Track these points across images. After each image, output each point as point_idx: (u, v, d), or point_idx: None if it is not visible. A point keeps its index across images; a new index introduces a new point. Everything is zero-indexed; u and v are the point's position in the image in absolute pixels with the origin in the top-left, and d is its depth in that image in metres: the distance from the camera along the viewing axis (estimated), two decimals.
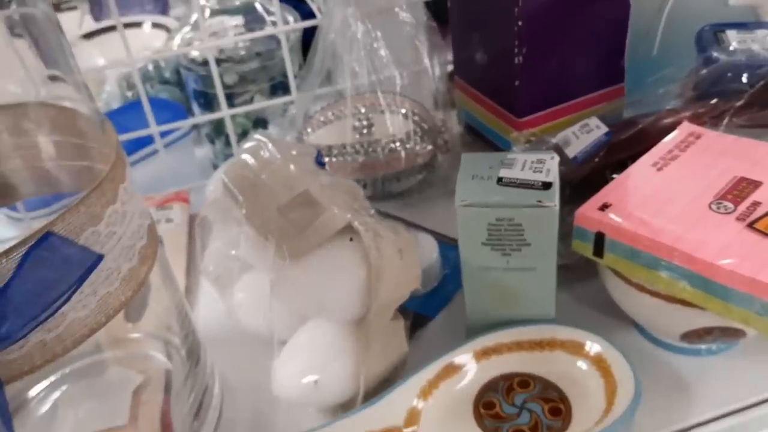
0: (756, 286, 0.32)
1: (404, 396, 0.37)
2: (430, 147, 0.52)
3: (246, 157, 0.43)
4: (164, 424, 0.39)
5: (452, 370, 0.39)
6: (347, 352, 0.37)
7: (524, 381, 0.39)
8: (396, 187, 0.55)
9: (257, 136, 0.45)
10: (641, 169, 0.41)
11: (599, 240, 0.38)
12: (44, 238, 0.27)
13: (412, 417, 0.37)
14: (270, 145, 0.43)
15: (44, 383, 0.41)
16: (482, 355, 0.39)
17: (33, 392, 0.40)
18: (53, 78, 0.33)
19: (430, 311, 0.47)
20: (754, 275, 0.32)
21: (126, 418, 0.39)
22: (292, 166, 0.41)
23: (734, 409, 0.38)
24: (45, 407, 0.40)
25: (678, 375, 0.40)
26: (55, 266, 0.27)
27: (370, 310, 0.36)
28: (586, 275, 0.46)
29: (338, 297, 0.36)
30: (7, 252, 0.26)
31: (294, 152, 0.44)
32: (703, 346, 0.40)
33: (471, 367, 0.39)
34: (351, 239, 0.36)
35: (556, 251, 0.38)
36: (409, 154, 0.52)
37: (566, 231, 0.41)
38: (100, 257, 0.28)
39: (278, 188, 0.39)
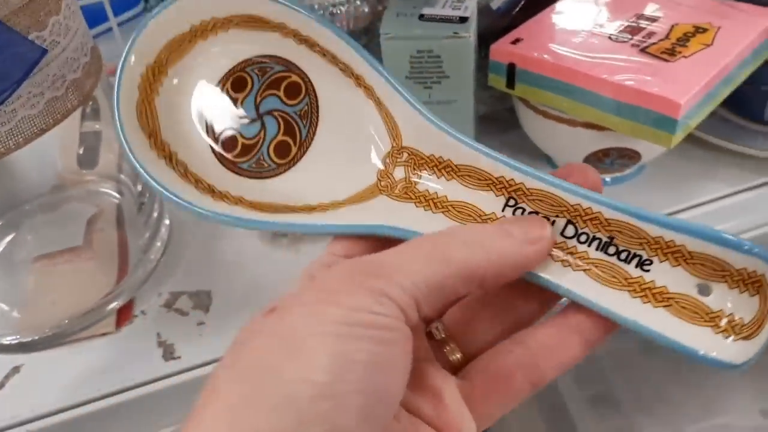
0: (640, 97, 0.36)
1: None
2: (367, 10, 0.55)
3: None
4: (121, 252, 0.43)
5: None
6: None
7: (238, 78, 0.28)
8: None
9: None
10: (553, 11, 0.45)
11: (511, 71, 0.41)
12: None
13: None
14: None
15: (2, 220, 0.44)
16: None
17: None
18: None
19: None
20: (639, 87, 0.36)
21: (81, 240, 0.42)
22: None
23: None
24: (6, 237, 0.44)
25: None
26: (3, 59, 0.30)
27: None
28: (509, 127, 0.50)
29: None
30: None
31: None
32: (608, 177, 0.45)
33: None
34: None
35: (473, 83, 0.42)
36: (349, 16, 0.54)
37: (487, 79, 0.45)
38: (44, 50, 0.31)
39: None
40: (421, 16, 0.41)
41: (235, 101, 0.28)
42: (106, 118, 0.47)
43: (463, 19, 0.40)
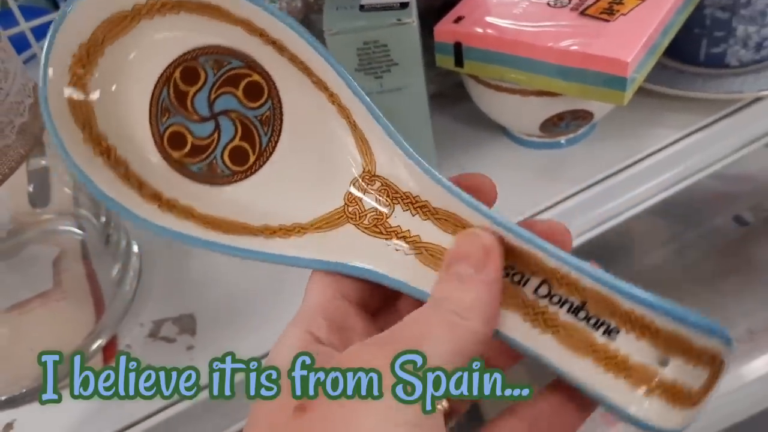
0: (587, 60, 0.37)
1: None
2: (301, 3, 0.54)
3: None
4: (93, 288, 0.42)
5: None
6: None
7: (188, 69, 0.25)
8: None
9: None
10: None
11: (457, 50, 0.42)
12: None
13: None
14: None
15: None
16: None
17: None
18: None
19: None
20: (585, 50, 0.37)
21: (51, 282, 0.41)
22: None
23: (590, 182, 0.44)
24: None
25: (542, 165, 0.45)
26: None
27: None
28: (459, 100, 0.50)
29: None
30: None
31: None
32: (563, 139, 0.46)
33: None
34: None
35: (422, 67, 0.42)
36: (282, 10, 0.54)
37: (434, 58, 0.45)
38: None
39: None
40: (362, 7, 0.41)
41: (184, 94, 0.25)
42: (52, 151, 0.45)
43: (404, 5, 0.40)
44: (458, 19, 0.42)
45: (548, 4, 0.42)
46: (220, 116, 0.25)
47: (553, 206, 0.43)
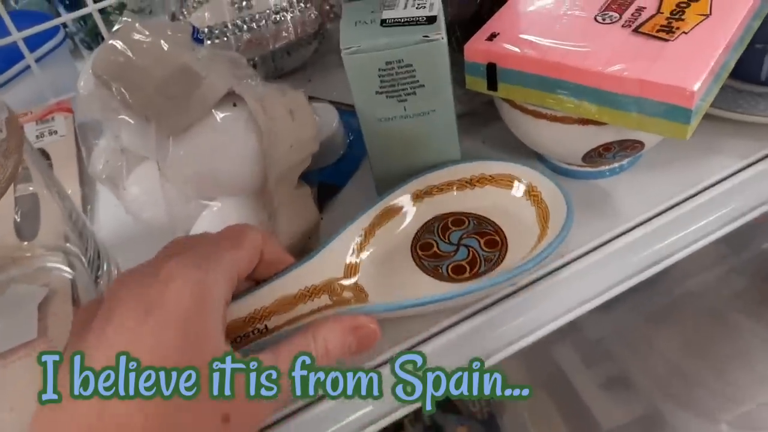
0: (645, 88, 0.32)
1: (340, 247, 0.37)
2: (315, 14, 0.50)
3: (113, 41, 0.39)
4: None
5: (386, 215, 0.38)
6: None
7: (458, 219, 0.39)
8: (288, 62, 0.52)
9: (124, 18, 0.41)
10: None
11: (491, 71, 0.37)
12: None
13: (351, 268, 0.37)
14: (138, 25, 0.39)
15: None
16: (415, 198, 0.39)
17: None
18: None
19: (339, 180, 0.46)
20: (642, 76, 0.32)
21: (35, 332, 0.37)
22: (164, 43, 0.38)
23: (638, 220, 0.39)
24: None
25: (583, 197, 0.40)
26: None
27: (268, 177, 0.35)
28: (489, 119, 0.45)
29: (231, 168, 0.35)
30: None
31: (168, 31, 0.41)
32: (606, 168, 0.41)
33: (405, 210, 0.39)
34: (234, 104, 0.34)
35: (451, 89, 0.37)
36: (296, 23, 0.49)
37: (462, 76, 0.40)
38: None
39: (153, 66, 0.37)
40: (384, 22, 0.36)
41: (448, 229, 0.38)
42: (39, 177, 0.41)
43: (431, 19, 0.35)
44: (492, 36, 0.37)
45: (595, 19, 0.36)
46: (461, 246, 0.37)
47: (594, 250, 0.38)
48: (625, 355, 0.66)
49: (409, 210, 0.39)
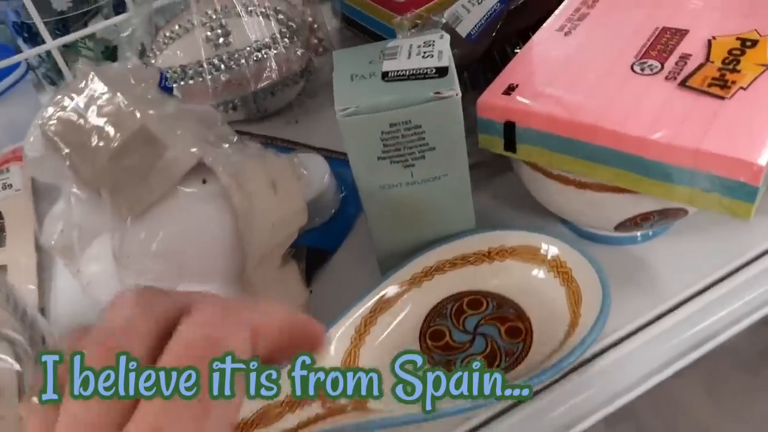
0: (700, 159, 0.27)
1: (337, 338, 0.31)
2: (301, 50, 0.44)
3: (64, 95, 0.33)
4: None
5: (390, 301, 0.33)
6: None
7: (475, 300, 0.33)
8: (272, 103, 0.46)
9: (80, 65, 0.35)
10: (546, 36, 0.34)
11: (509, 131, 0.31)
12: None
13: (350, 359, 0.31)
14: (93, 76, 0.34)
15: None
16: (423, 277, 0.33)
17: None
18: None
19: (330, 244, 0.40)
20: (696, 145, 0.27)
21: None
22: (120, 98, 0.32)
23: (695, 291, 0.33)
24: None
25: (613, 267, 0.35)
26: None
27: (246, 263, 0.29)
28: (500, 168, 0.40)
29: (200, 255, 0.29)
30: None
31: (131, 79, 0.35)
32: (639, 233, 0.36)
33: (412, 292, 0.33)
34: (204, 181, 0.29)
35: (466, 151, 0.31)
36: (280, 61, 0.43)
37: (471, 124, 0.34)
38: None
39: (107, 129, 0.31)
40: (385, 75, 0.30)
41: (463, 312, 0.33)
42: None
43: (442, 71, 0.30)
44: (510, 89, 0.31)
45: (632, 68, 0.31)
46: (477, 335, 0.32)
47: (635, 333, 0.32)
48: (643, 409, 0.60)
49: (417, 291, 0.33)
